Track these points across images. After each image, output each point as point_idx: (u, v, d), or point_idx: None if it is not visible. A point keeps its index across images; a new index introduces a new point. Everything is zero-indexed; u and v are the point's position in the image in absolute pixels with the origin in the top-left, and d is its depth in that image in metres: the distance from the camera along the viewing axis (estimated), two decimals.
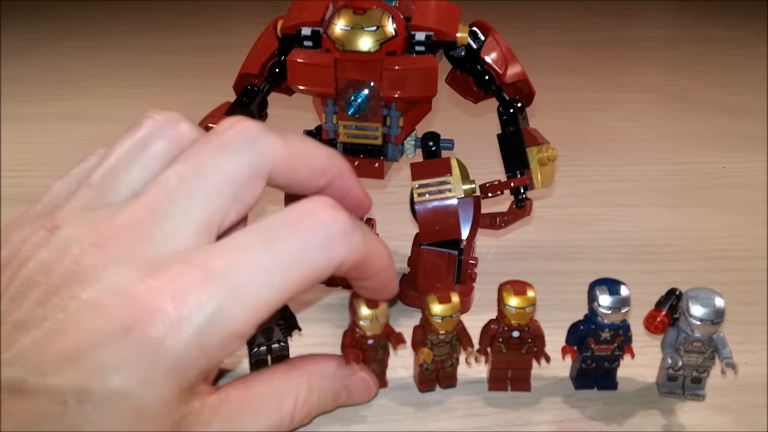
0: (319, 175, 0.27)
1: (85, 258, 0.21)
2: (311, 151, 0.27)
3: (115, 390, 0.20)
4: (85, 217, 0.23)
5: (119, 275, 0.21)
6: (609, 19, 1.36)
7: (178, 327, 0.21)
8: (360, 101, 0.37)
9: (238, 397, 0.25)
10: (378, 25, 0.36)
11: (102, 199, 0.24)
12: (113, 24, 1.31)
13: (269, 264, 0.23)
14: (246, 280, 0.22)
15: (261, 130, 0.25)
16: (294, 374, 0.28)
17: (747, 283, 0.46)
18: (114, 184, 0.24)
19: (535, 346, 0.35)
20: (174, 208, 0.23)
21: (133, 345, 0.20)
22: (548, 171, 0.40)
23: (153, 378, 0.21)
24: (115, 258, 0.21)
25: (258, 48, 0.41)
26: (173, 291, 0.21)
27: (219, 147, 0.24)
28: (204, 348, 0.21)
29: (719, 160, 0.67)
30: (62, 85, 0.91)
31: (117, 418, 0.20)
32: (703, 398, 0.35)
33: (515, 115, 0.40)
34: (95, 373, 0.20)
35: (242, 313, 0.22)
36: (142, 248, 0.22)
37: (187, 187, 0.23)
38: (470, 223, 0.42)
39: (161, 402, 0.21)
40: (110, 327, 0.20)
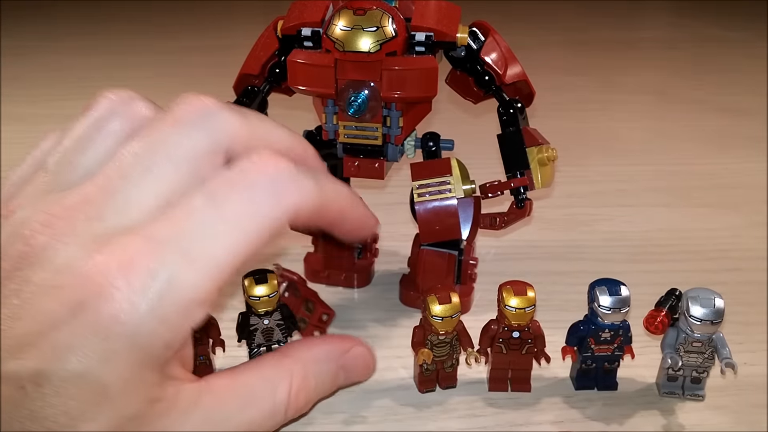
0: (282, 154, 0.25)
1: (35, 239, 0.21)
2: (273, 131, 0.26)
3: (72, 371, 0.20)
4: (40, 200, 0.22)
5: (68, 254, 0.21)
6: (608, 20, 1.36)
7: (130, 300, 0.20)
8: (360, 102, 0.37)
9: (223, 386, 0.24)
10: (378, 26, 0.36)
11: (57, 182, 0.23)
12: (113, 24, 1.31)
13: (218, 224, 0.22)
14: (196, 243, 0.21)
15: (218, 105, 0.24)
16: (286, 361, 0.26)
17: (747, 283, 0.46)
18: (69, 166, 0.24)
19: (535, 346, 0.35)
20: (126, 184, 0.22)
21: (87, 323, 0.20)
22: (548, 171, 0.40)
23: (110, 356, 0.20)
24: (63, 237, 0.21)
25: (258, 48, 0.41)
26: (120, 263, 0.20)
27: (175, 123, 0.23)
28: (163, 319, 0.21)
29: (719, 160, 0.67)
30: (62, 85, 0.91)
31: (77, 399, 0.20)
32: (703, 398, 0.35)
33: (515, 116, 0.40)
34: (51, 355, 0.20)
35: (198, 277, 0.21)
36: (90, 225, 0.21)
37: (140, 163, 0.22)
38: (470, 224, 0.42)
39: (123, 380, 0.20)
40: (62, 307, 0.20)
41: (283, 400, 0.25)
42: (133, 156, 0.23)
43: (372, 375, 0.32)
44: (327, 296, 0.45)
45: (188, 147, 0.23)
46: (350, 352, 0.29)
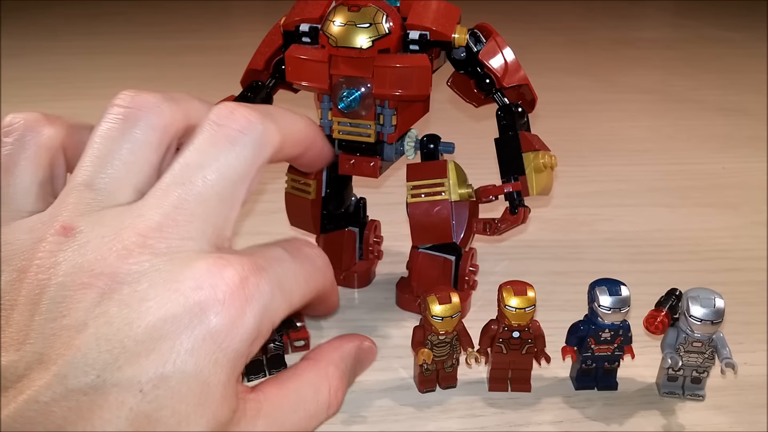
0: (300, 145, 0.28)
1: (133, 257, 0.22)
2: (294, 126, 0.27)
3: (189, 374, 0.21)
4: (102, 218, 0.23)
5: (178, 266, 0.22)
6: (609, 20, 1.36)
7: (244, 311, 0.22)
8: (351, 98, 0.37)
9: (275, 395, 0.26)
10: (371, 23, 0.36)
11: (106, 199, 0.24)
12: (113, 25, 1.31)
13: (299, 272, 0.25)
14: (285, 278, 0.24)
15: (259, 119, 0.25)
16: (321, 365, 0.28)
17: (747, 283, 0.46)
18: (114, 182, 0.24)
19: (536, 346, 0.35)
20: (201, 207, 0.23)
21: (207, 329, 0.21)
22: (545, 178, 0.39)
23: (220, 361, 0.22)
24: (165, 253, 0.22)
25: (264, 44, 0.41)
26: (241, 277, 0.22)
27: (228, 142, 0.24)
28: (258, 334, 0.23)
29: (719, 160, 0.67)
30: (62, 86, 0.91)
31: (187, 402, 0.21)
32: (703, 398, 0.35)
33: (513, 120, 0.39)
34: (173, 357, 0.21)
35: (283, 305, 0.24)
36: (187, 243, 0.23)
37: (210, 186, 0.23)
38: (464, 228, 0.41)
39: (223, 386, 0.22)
40: (185, 312, 0.21)
41: (325, 400, 0.27)
42: (202, 179, 0.23)
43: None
44: None
45: (244, 166, 0.24)
46: (361, 347, 0.31)
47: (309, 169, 0.32)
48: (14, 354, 0.21)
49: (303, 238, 0.27)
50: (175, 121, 0.25)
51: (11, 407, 0.20)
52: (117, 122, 0.25)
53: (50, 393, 0.20)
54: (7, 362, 0.21)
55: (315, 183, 0.42)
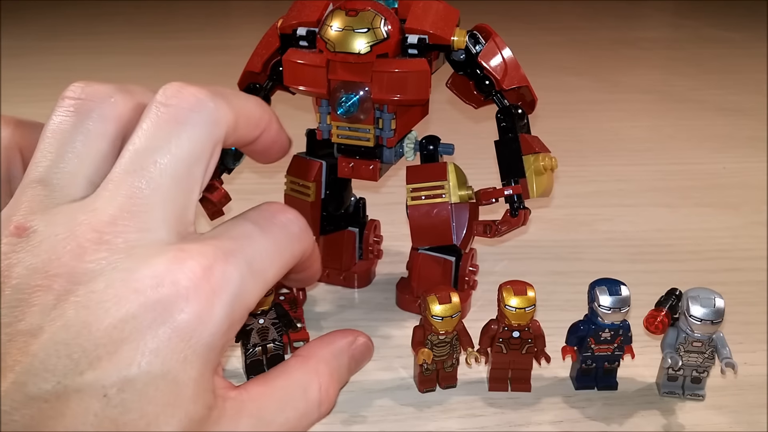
0: (255, 128, 0.26)
1: (89, 255, 0.21)
2: (247, 105, 0.26)
3: (155, 374, 0.20)
4: (56, 215, 0.22)
5: (136, 263, 0.21)
6: (609, 20, 1.36)
7: (211, 302, 0.21)
8: (350, 103, 0.37)
9: (260, 393, 0.25)
10: (369, 27, 0.36)
11: (61, 195, 0.23)
12: (113, 25, 1.31)
13: (270, 247, 0.24)
14: (256, 259, 0.23)
15: (209, 96, 0.24)
16: (310, 362, 0.27)
17: (747, 283, 0.46)
18: (68, 177, 0.23)
19: (536, 346, 0.35)
20: (157, 194, 0.22)
21: (172, 326, 0.20)
22: (545, 180, 0.39)
23: (189, 358, 0.21)
24: (123, 249, 0.21)
25: (261, 46, 0.41)
26: (203, 268, 0.21)
27: (178, 123, 0.23)
28: (230, 324, 0.22)
29: (719, 160, 0.67)
30: (62, 86, 0.90)
31: (155, 403, 0.20)
32: (703, 398, 0.35)
33: (513, 122, 0.39)
34: (137, 359, 0.20)
35: (257, 288, 0.23)
36: (145, 236, 0.21)
37: (163, 171, 0.22)
38: (464, 230, 0.41)
39: (194, 383, 0.21)
40: (146, 312, 0.20)
41: (315, 398, 0.26)
42: (153, 163, 0.22)
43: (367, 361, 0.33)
44: (327, 296, 0.45)
45: (198, 147, 0.23)
46: (355, 343, 0.30)
47: (266, 158, 0.30)
48: None
49: (275, 203, 0.25)
50: (129, 111, 0.24)
51: None
52: (68, 115, 0.24)
53: (9, 401, 0.19)
54: None
55: (314, 185, 0.42)
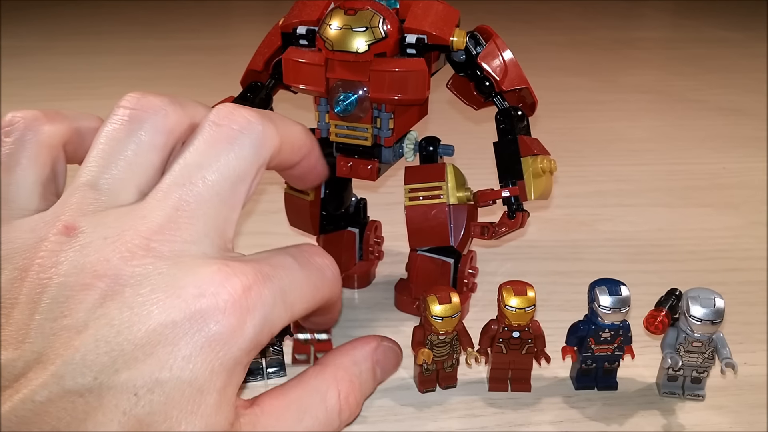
0: (297, 152, 0.28)
1: (137, 259, 0.22)
2: (293, 131, 0.27)
3: (185, 380, 0.21)
4: (105, 218, 0.23)
5: (181, 271, 0.22)
6: (609, 20, 1.36)
7: (244, 320, 0.22)
8: (347, 102, 0.37)
9: (276, 406, 0.25)
10: (368, 26, 0.36)
11: (110, 200, 0.23)
12: (113, 25, 1.31)
13: (304, 283, 0.25)
14: (289, 289, 0.24)
15: (259, 119, 0.25)
16: (328, 370, 0.27)
17: (747, 283, 0.46)
18: (117, 183, 0.24)
19: (536, 346, 0.35)
20: (203, 209, 0.23)
21: (206, 335, 0.21)
22: (543, 183, 0.39)
23: (216, 369, 0.21)
24: (168, 257, 0.22)
25: (264, 45, 0.41)
26: (244, 286, 0.22)
27: (228, 142, 0.24)
28: (257, 345, 0.22)
29: (719, 160, 0.67)
30: (62, 86, 0.91)
31: (180, 408, 0.21)
32: (703, 398, 0.35)
33: (512, 124, 0.39)
34: (169, 363, 0.21)
35: (284, 315, 0.23)
36: (190, 247, 0.22)
37: (211, 187, 0.23)
38: (462, 231, 0.41)
39: (218, 394, 0.22)
40: (184, 319, 0.21)
41: (334, 406, 0.26)
42: (201, 179, 0.23)
43: (401, 364, 0.33)
44: None
45: (245, 167, 0.24)
46: (379, 348, 0.30)
47: (303, 184, 0.31)
48: (13, 352, 0.21)
49: (315, 246, 0.26)
50: (180, 125, 0.25)
51: (7, 406, 0.20)
52: (122, 123, 0.25)
53: (46, 393, 0.20)
54: (6, 360, 0.21)
55: None
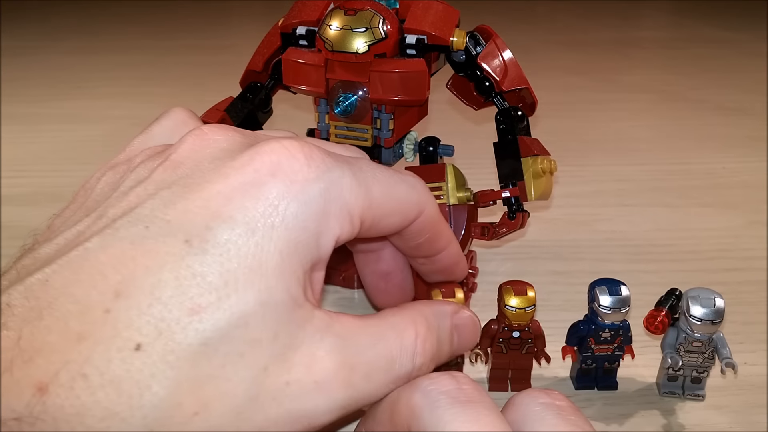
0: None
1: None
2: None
3: (239, 229, 0.20)
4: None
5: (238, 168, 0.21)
6: (609, 19, 1.36)
7: (306, 178, 0.21)
8: (348, 103, 0.37)
9: (351, 323, 0.22)
10: (368, 27, 0.36)
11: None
12: (113, 24, 1.31)
13: (382, 176, 0.24)
14: (363, 171, 0.23)
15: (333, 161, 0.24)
16: (408, 312, 0.25)
17: (747, 283, 0.46)
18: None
19: (536, 346, 0.35)
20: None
21: (261, 190, 0.20)
22: (543, 183, 0.39)
23: (276, 224, 0.20)
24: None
25: (263, 45, 0.41)
26: (309, 150, 0.21)
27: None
28: (324, 211, 0.21)
29: (719, 160, 0.67)
30: (62, 86, 0.91)
31: (236, 260, 0.19)
32: (703, 398, 0.35)
33: (513, 124, 0.39)
34: (221, 215, 0.20)
35: (360, 194, 0.22)
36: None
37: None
38: (462, 232, 0.41)
39: (278, 253, 0.20)
40: (239, 184, 0.20)
41: (410, 345, 0.23)
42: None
43: (476, 342, 0.30)
44: (326, 296, 0.45)
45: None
46: (459, 314, 0.27)
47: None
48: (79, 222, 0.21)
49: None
50: None
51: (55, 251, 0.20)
52: None
53: (98, 240, 0.20)
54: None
55: None
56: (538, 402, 0.21)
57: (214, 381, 0.19)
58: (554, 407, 0.21)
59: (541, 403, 0.21)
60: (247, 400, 0.19)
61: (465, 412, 0.20)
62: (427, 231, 0.26)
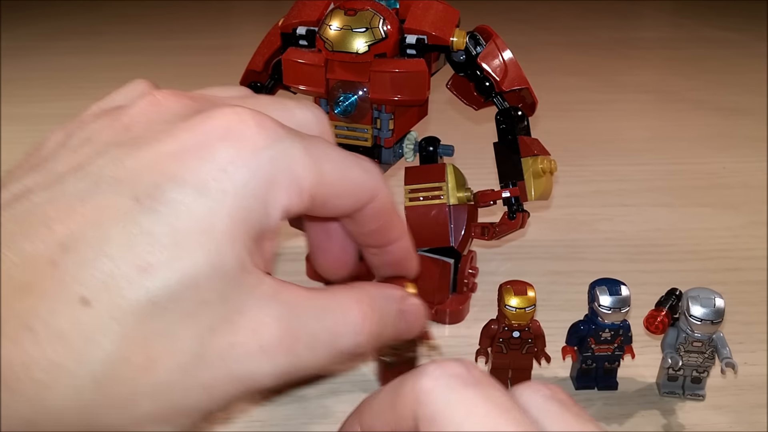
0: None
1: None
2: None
3: (188, 190, 0.19)
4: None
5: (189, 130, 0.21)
6: (608, 20, 1.36)
7: (256, 145, 0.20)
8: (347, 103, 0.37)
9: (299, 293, 0.22)
10: (368, 27, 0.36)
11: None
12: (113, 24, 1.31)
13: (337, 156, 0.23)
14: (315, 147, 0.22)
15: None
16: (357, 290, 0.25)
17: (747, 283, 0.46)
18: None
19: (536, 346, 0.35)
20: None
21: (212, 152, 0.20)
22: (543, 183, 0.39)
23: (227, 189, 0.20)
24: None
25: (263, 45, 0.41)
26: (256, 122, 0.21)
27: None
28: (272, 180, 0.21)
29: (719, 160, 0.67)
30: (62, 86, 0.91)
31: (187, 221, 0.19)
32: (703, 398, 0.35)
33: (513, 124, 0.39)
34: (170, 175, 0.20)
35: (310, 166, 0.22)
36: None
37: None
38: (462, 232, 0.41)
39: (229, 218, 0.20)
40: (189, 146, 0.20)
41: (354, 323, 0.23)
42: None
43: (421, 330, 0.30)
44: None
45: None
46: (407, 300, 0.27)
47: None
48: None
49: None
50: None
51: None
52: None
53: (45, 194, 0.19)
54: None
55: None
56: (540, 394, 0.21)
57: (161, 338, 0.19)
58: (556, 400, 0.21)
59: (543, 395, 0.21)
60: (194, 357, 0.19)
61: (477, 393, 0.20)
62: (379, 218, 0.26)
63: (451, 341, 0.40)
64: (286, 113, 0.24)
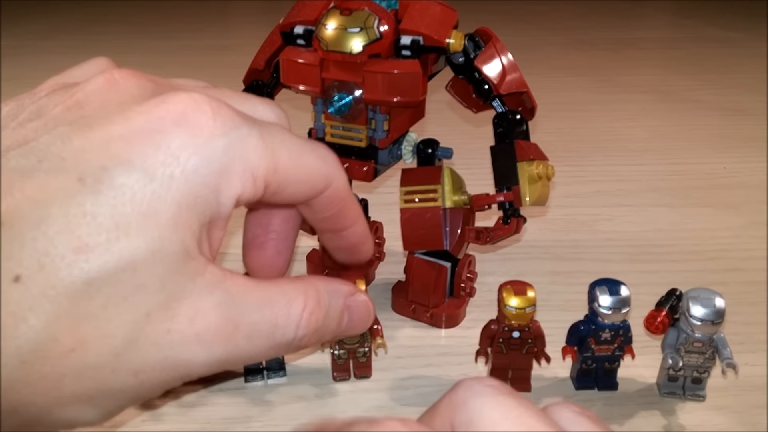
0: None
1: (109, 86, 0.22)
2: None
3: (135, 178, 0.19)
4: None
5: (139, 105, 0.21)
6: (609, 20, 1.36)
7: (212, 133, 0.20)
8: (341, 103, 0.37)
9: (243, 283, 0.22)
10: (362, 27, 0.35)
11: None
12: (113, 24, 1.31)
13: (293, 143, 0.23)
14: (272, 135, 0.22)
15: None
16: (301, 283, 0.25)
17: (747, 283, 0.46)
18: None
19: (536, 346, 0.35)
20: None
21: (188, 132, 0.20)
22: (539, 188, 0.38)
23: (175, 174, 0.20)
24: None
25: (266, 44, 0.41)
26: (213, 103, 0.21)
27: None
28: (226, 168, 0.21)
29: (719, 160, 0.67)
30: None
31: (131, 205, 0.19)
32: (704, 399, 0.35)
33: (510, 128, 0.38)
34: (119, 158, 0.19)
35: (265, 155, 0.22)
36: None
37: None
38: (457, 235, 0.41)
39: (176, 204, 0.20)
40: (168, 122, 0.20)
41: (296, 315, 0.23)
42: None
43: (368, 327, 0.30)
44: None
45: None
46: (354, 296, 0.27)
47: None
48: None
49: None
50: None
51: None
52: None
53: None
54: None
55: None
56: (570, 409, 0.21)
57: (93, 320, 0.19)
58: (586, 416, 0.21)
59: (574, 411, 0.21)
60: (127, 342, 0.19)
61: (511, 399, 0.20)
62: (335, 205, 0.26)
63: (450, 341, 0.40)
64: (248, 106, 0.24)
